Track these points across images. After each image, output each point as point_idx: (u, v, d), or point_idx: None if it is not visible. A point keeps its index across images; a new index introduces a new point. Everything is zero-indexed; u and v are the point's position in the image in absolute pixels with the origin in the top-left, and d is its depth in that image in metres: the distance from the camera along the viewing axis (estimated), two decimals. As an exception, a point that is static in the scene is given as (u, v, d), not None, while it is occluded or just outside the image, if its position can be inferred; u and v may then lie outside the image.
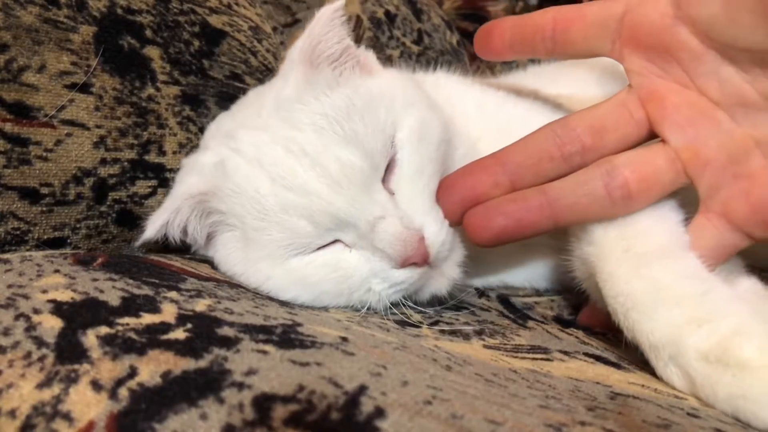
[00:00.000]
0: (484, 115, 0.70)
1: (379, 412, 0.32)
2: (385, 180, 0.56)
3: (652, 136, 0.54)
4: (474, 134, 0.67)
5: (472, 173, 0.57)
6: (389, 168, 0.57)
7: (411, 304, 0.57)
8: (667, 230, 0.53)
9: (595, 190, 0.53)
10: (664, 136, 0.53)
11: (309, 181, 0.54)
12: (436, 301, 0.60)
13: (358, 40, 1.12)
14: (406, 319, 0.54)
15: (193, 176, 0.60)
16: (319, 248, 0.56)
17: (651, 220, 0.53)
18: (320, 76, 0.60)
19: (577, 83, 0.78)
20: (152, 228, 0.58)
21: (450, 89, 0.72)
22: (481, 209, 0.55)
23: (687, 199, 0.55)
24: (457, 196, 0.57)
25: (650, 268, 0.49)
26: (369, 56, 0.67)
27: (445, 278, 0.58)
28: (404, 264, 0.54)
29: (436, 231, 0.56)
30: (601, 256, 0.53)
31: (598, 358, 0.52)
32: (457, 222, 0.57)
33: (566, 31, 0.57)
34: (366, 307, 0.55)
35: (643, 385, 0.46)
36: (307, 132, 0.56)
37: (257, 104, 0.62)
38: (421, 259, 0.54)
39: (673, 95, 0.53)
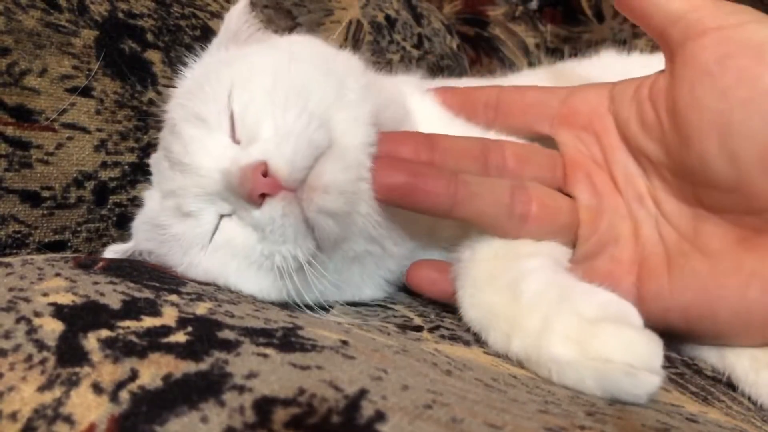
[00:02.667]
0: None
1: (380, 416, 0.32)
2: (234, 135, 0.53)
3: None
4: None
5: (402, 137, 0.56)
6: (234, 121, 0.53)
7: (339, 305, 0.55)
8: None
9: (502, 195, 0.54)
10: (574, 195, 0.58)
11: (174, 179, 0.54)
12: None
13: (358, 45, 1.12)
14: (406, 323, 0.54)
15: (146, 209, 0.61)
16: (212, 234, 0.54)
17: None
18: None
19: None
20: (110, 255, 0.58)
21: (406, 92, 0.69)
22: (391, 160, 0.53)
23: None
24: (381, 148, 0.54)
25: (481, 293, 0.52)
26: (272, 37, 0.67)
27: (318, 192, 0.50)
28: (253, 199, 0.49)
29: (277, 152, 0.49)
30: (460, 276, 0.55)
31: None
32: None
33: (509, 103, 0.63)
34: (290, 277, 0.50)
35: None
36: (169, 131, 0.56)
37: None
38: (267, 187, 0.48)
39: (588, 169, 0.58)
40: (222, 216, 0.53)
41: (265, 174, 0.48)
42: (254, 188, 0.48)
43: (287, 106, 0.51)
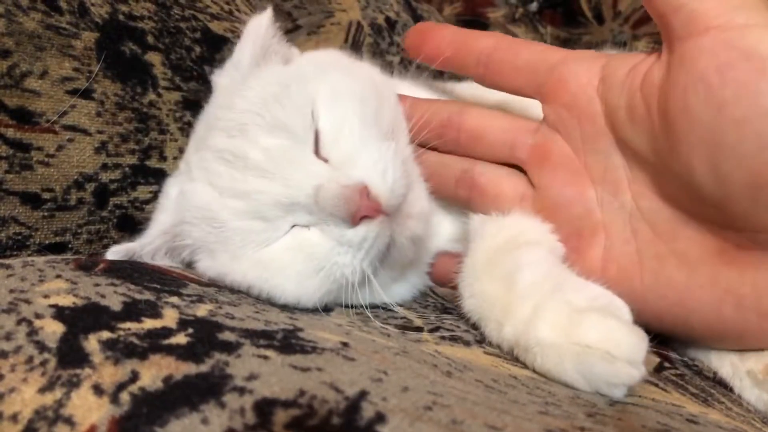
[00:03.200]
0: None
1: (380, 418, 0.32)
2: (319, 150, 0.55)
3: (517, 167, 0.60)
4: None
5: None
6: (319, 138, 0.56)
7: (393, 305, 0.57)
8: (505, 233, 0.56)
9: (450, 178, 0.61)
10: (533, 182, 0.58)
11: (247, 182, 0.54)
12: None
13: (358, 47, 1.12)
14: (408, 324, 0.54)
15: (163, 213, 0.61)
16: (280, 238, 0.55)
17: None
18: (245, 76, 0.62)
19: None
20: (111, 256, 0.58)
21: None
22: None
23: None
24: None
25: (479, 282, 0.53)
26: (292, 49, 0.69)
27: (413, 219, 0.56)
28: (355, 220, 0.52)
29: (380, 179, 0.53)
30: (462, 266, 0.56)
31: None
32: None
33: (501, 62, 0.58)
34: (352, 287, 0.53)
35: (640, 396, 0.46)
36: (235, 135, 0.56)
37: (204, 123, 0.64)
38: (371, 210, 0.52)
39: (559, 156, 0.56)
40: (294, 225, 0.55)
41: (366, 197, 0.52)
42: (359, 210, 0.51)
43: (381, 136, 0.56)
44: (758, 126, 0.41)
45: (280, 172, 0.54)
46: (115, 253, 0.58)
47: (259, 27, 0.64)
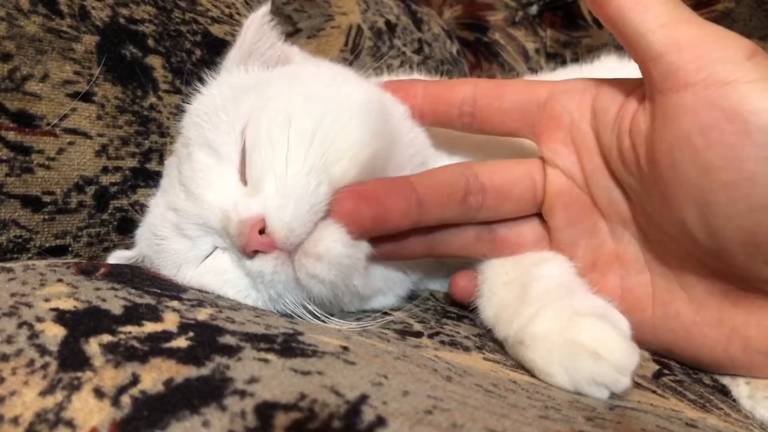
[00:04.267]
0: None
1: (380, 421, 0.32)
2: (243, 173, 0.53)
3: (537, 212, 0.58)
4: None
5: (385, 193, 0.52)
6: (244, 159, 0.53)
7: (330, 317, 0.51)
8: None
9: (468, 238, 0.58)
10: (548, 223, 0.57)
11: (178, 197, 0.54)
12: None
13: (358, 50, 1.12)
14: (407, 329, 0.54)
15: (149, 215, 0.61)
16: (206, 258, 0.54)
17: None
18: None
19: None
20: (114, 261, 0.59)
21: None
22: (377, 227, 0.52)
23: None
24: (369, 209, 0.51)
25: (496, 296, 0.54)
26: (292, 48, 0.67)
27: (310, 259, 0.49)
28: (247, 253, 0.50)
29: (277, 214, 0.48)
30: (480, 289, 0.57)
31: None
32: (363, 233, 0.52)
33: (488, 109, 0.57)
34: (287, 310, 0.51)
35: (639, 401, 0.46)
36: (185, 145, 0.56)
37: None
38: (263, 246, 0.49)
39: (566, 194, 0.55)
40: (216, 247, 0.54)
41: (262, 231, 0.49)
42: (248, 244, 0.49)
43: (290, 159, 0.50)
44: (747, 190, 0.41)
45: (199, 193, 0.53)
46: (117, 258, 0.58)
47: (248, 27, 0.62)
